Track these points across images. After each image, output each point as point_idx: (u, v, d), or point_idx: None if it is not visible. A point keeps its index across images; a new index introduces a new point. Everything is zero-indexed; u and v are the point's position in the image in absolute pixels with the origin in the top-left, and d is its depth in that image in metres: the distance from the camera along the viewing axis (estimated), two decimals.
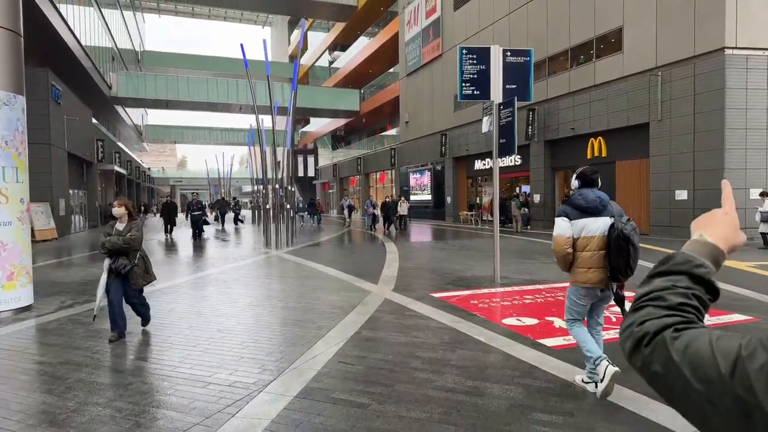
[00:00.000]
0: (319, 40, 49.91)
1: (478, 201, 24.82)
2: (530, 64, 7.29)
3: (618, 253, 3.19)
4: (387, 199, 20.25)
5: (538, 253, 11.25)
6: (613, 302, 3.48)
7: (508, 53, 7.20)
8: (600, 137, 16.78)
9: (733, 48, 12.46)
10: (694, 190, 13.41)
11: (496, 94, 7.20)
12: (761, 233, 11.41)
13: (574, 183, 3.50)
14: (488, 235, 17.07)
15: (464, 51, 7.07)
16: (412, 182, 30.52)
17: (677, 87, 13.69)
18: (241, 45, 16.90)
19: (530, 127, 19.37)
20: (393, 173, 34.37)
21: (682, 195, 13.74)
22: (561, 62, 18.38)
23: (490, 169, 23.32)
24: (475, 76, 7.16)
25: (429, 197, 27.94)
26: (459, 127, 24.92)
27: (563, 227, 3.36)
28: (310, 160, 61.62)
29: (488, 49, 7.16)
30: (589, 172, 3.47)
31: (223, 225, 25.50)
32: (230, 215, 28.54)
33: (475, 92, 7.17)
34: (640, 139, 15.11)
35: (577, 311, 3.42)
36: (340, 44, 45.15)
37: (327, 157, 53.37)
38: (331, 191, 51.57)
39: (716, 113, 12.70)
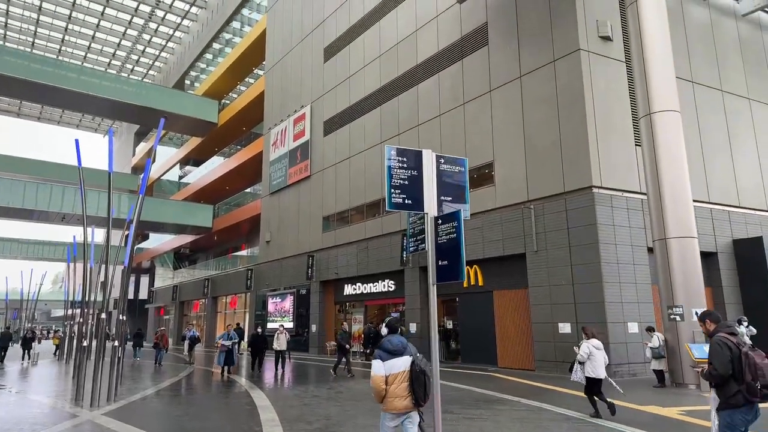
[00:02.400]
0: (167, 154, 46.84)
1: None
2: (465, 175, 6.16)
3: (418, 383, 4.22)
4: (258, 330, 16.81)
5: (471, 399, 9.36)
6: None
7: (442, 160, 6.00)
8: (476, 266, 16.53)
9: (599, 187, 13.33)
10: (577, 323, 13.23)
11: (431, 205, 5.79)
12: (654, 370, 11.20)
13: (384, 330, 4.60)
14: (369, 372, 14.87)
15: (392, 152, 5.69)
16: (270, 307, 27.44)
17: (551, 220, 14.12)
18: (76, 140, 14.01)
19: (405, 251, 18.66)
20: (248, 297, 30.90)
21: (565, 328, 13.48)
22: None
23: (362, 293, 21.86)
24: (406, 182, 5.75)
25: (291, 324, 25.05)
26: (328, 248, 23.47)
27: (378, 368, 4.28)
28: (144, 280, 54.27)
29: (420, 152, 5.88)
30: (393, 322, 4.65)
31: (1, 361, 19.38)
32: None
33: (406, 201, 5.68)
34: (517, 269, 15.05)
35: None
36: (194, 159, 42.71)
37: (165, 278, 47.32)
38: (167, 317, 44.92)
39: (591, 247, 13.09)
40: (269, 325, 25.80)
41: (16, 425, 7.61)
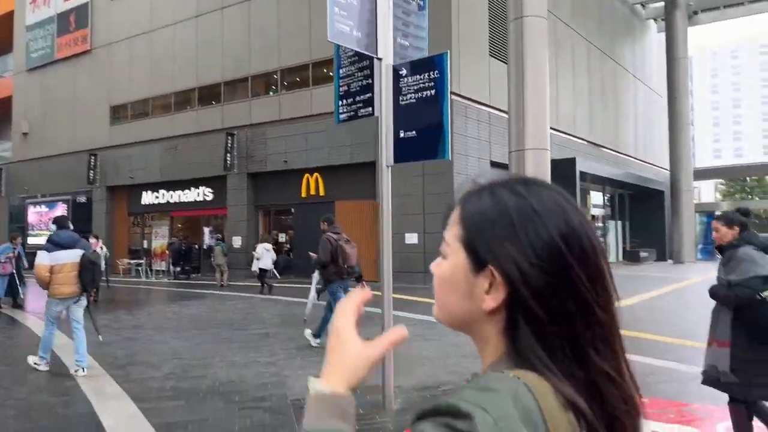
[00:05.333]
0: None
1: (145, 245, 18.97)
2: (425, 14, 4.29)
3: (86, 272, 4.91)
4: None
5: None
6: None
7: None
8: (317, 174, 14.85)
9: (456, 95, 12.70)
10: (424, 233, 12.89)
11: (386, 49, 3.86)
12: None
13: (52, 226, 5.28)
14: (193, 293, 12.35)
15: None
16: (32, 218, 21.38)
17: None
18: None
19: (228, 154, 15.80)
20: None
21: (412, 239, 13.05)
22: (269, 83, 15.81)
23: (167, 203, 18.26)
24: (355, 3, 3.65)
25: None
26: (119, 147, 18.78)
27: (43, 258, 4.83)
28: None
29: None
30: (61, 219, 5.26)
31: None
32: None
33: (354, 33, 3.63)
34: (365, 178, 13.88)
35: (54, 316, 5.01)
36: None
37: None
38: None
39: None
40: (31, 241, 20.08)
41: None
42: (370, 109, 3.97)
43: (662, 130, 24.24)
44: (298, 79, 15.18)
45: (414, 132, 3.75)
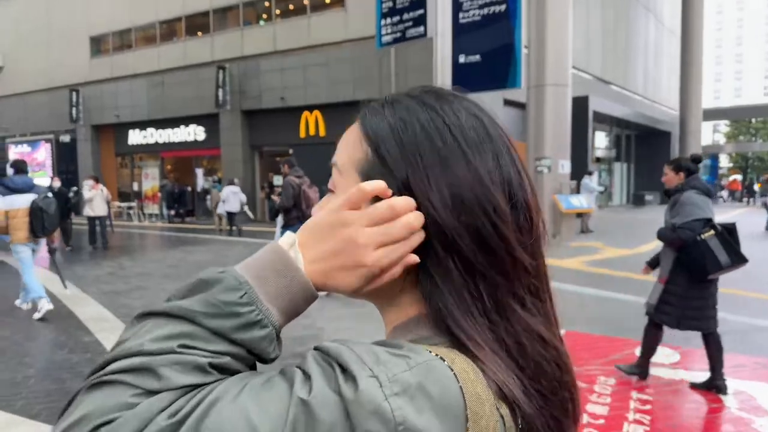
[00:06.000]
0: None
1: (136, 188, 18.19)
2: None
3: (35, 218, 4.71)
4: (52, 185, 10.01)
5: None
6: None
7: None
8: (317, 111, 13.96)
9: None
10: None
11: None
12: None
13: (9, 171, 4.96)
14: (193, 238, 11.82)
15: None
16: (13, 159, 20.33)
17: (415, 59, 12.13)
18: None
19: (220, 90, 14.77)
20: None
21: None
22: (260, 9, 14.54)
23: (156, 143, 17.34)
24: None
25: (49, 182, 19.02)
26: (102, 82, 17.55)
27: None
28: None
29: None
30: (17, 164, 4.97)
31: None
32: None
33: None
34: None
35: (26, 258, 4.87)
36: None
37: None
38: None
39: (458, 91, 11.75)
40: None
41: None
42: (422, 28, 3.35)
43: (672, 68, 23.27)
44: (293, 4, 13.94)
45: (478, 56, 3.12)
